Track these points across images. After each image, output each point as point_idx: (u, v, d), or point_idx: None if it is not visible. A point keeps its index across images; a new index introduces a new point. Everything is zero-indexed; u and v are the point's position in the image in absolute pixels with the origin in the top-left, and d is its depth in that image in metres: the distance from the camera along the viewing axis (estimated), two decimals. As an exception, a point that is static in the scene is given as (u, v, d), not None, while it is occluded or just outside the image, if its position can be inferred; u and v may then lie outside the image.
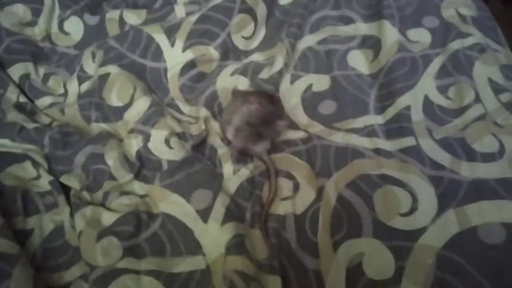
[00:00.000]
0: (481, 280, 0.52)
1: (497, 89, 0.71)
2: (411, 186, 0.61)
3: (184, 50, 0.83)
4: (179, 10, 0.91)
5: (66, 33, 0.91)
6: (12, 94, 0.81)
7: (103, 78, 0.79)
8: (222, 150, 0.70)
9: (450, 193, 0.60)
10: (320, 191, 0.64)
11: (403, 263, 0.55)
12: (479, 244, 0.55)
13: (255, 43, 0.88)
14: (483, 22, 0.83)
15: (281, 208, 0.63)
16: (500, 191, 0.59)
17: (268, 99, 0.69)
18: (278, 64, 0.79)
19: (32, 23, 0.91)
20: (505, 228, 0.55)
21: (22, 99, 0.80)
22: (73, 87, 0.84)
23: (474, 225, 0.56)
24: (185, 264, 0.59)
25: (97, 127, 0.76)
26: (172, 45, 0.83)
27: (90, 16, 0.91)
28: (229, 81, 0.81)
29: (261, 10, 0.88)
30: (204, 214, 0.61)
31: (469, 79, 0.72)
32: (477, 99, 0.70)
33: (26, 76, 0.84)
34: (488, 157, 0.63)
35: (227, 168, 0.68)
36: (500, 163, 0.62)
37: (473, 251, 0.54)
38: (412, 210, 0.59)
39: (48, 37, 0.91)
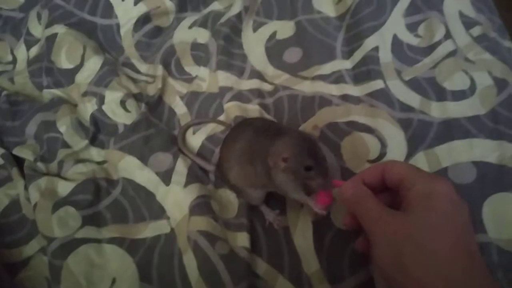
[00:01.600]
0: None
1: (468, 23, 0.67)
2: (380, 131, 0.58)
3: (136, 3, 0.76)
4: None
5: (8, -6, 0.84)
6: (-46, 64, 0.75)
7: (51, 39, 0.72)
8: (180, 110, 0.67)
9: (420, 135, 0.57)
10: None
11: (373, 210, 0.53)
12: (450, 184, 0.53)
13: (213, -10, 0.81)
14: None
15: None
16: (471, 129, 0.56)
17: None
18: (237, 7, 0.74)
19: (-31, -15, 0.83)
20: (475, 167, 0.53)
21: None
22: (22, 53, 0.78)
23: (444, 166, 0.54)
24: (149, 230, 0.56)
25: (49, 93, 0.71)
26: (123, -2, 0.77)
27: (30, -28, 0.84)
28: (187, 34, 0.76)
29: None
30: (165, 177, 0.58)
31: (439, 14, 0.68)
32: (448, 35, 0.66)
33: (-32, 44, 0.77)
34: (459, 95, 0.60)
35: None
36: (471, 101, 0.59)
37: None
38: (381, 155, 0.57)
39: (-12, -1, 0.83)
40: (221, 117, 0.65)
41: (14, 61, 0.78)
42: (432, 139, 0.57)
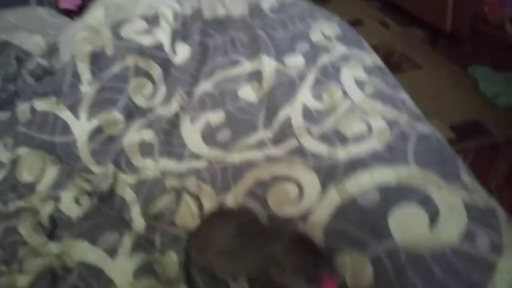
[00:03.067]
0: (364, 239, 0.57)
1: (362, 85, 0.81)
2: (297, 179, 0.67)
3: (89, 119, 0.89)
4: (84, 89, 0.98)
5: (-20, 135, 0.97)
6: None
7: (15, 161, 0.83)
8: (130, 197, 0.75)
9: (331, 175, 0.66)
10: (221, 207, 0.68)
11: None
12: (359, 210, 0.60)
13: (157, 100, 0.96)
14: (347, 38, 0.97)
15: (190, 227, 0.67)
16: (372, 163, 0.66)
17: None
18: (173, 108, 0.88)
19: None
20: (377, 190, 0.62)
21: None
22: (-10, 180, 0.88)
23: (354, 197, 0.62)
24: (102, 304, 0.60)
25: (13, 206, 0.79)
26: (78, 118, 0.90)
27: (1, 113, 0.98)
28: (135, 136, 0.88)
29: (157, 71, 0.98)
30: (112, 251, 0.64)
31: (337, 82, 0.83)
32: (345, 96, 0.79)
33: None
34: (359, 138, 0.71)
35: (135, 210, 0.72)
36: (369, 141, 0.70)
37: (355, 217, 0.60)
38: (300, 197, 0.65)
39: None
40: (164, 196, 0.73)
41: (-15, 187, 0.87)
42: (340, 176, 0.65)
